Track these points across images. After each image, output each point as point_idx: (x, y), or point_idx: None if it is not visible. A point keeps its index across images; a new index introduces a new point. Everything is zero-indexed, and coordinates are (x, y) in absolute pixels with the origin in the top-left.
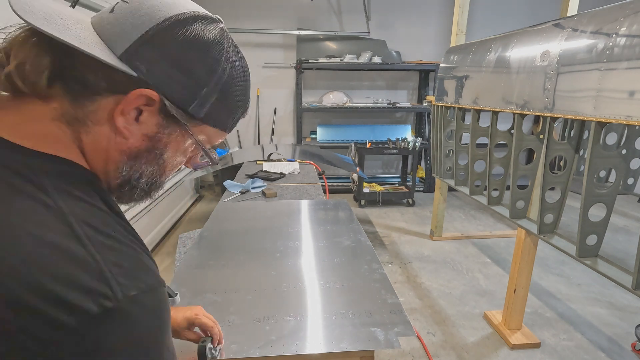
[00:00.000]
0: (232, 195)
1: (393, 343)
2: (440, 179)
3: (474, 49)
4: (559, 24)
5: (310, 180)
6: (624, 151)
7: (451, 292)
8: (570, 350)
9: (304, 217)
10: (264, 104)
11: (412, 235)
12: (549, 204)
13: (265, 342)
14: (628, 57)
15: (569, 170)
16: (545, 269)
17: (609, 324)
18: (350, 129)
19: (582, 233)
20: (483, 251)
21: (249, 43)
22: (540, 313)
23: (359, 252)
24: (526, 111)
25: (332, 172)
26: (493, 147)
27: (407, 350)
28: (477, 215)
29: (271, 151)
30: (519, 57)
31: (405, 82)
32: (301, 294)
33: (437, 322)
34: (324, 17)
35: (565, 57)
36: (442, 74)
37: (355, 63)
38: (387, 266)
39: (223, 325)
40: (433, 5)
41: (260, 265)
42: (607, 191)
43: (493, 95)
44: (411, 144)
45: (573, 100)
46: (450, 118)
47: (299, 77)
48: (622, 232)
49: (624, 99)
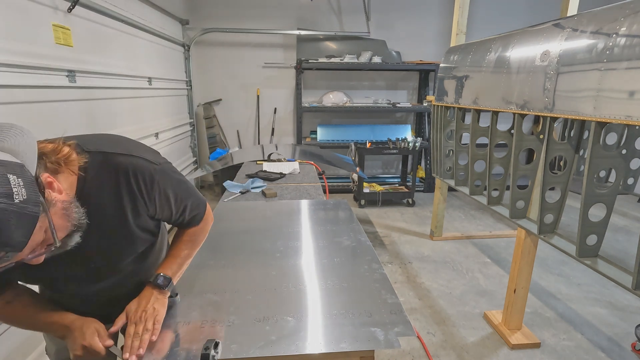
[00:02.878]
0: (232, 195)
1: (393, 343)
2: (440, 179)
3: (474, 49)
4: (559, 24)
5: (310, 180)
6: (624, 151)
7: (451, 292)
8: (570, 350)
9: (304, 217)
10: (264, 104)
11: (412, 235)
12: (549, 204)
13: (265, 342)
14: (628, 57)
15: (569, 170)
16: (545, 269)
17: (609, 324)
18: (350, 129)
19: (582, 233)
20: (483, 251)
21: (249, 43)
22: (540, 313)
23: (359, 252)
24: (526, 111)
25: (332, 172)
26: (493, 147)
27: (407, 350)
28: (477, 215)
29: (271, 151)
30: (519, 57)
31: (405, 82)
32: (301, 294)
33: (437, 322)
34: (324, 17)
35: (565, 57)
36: (442, 74)
37: (355, 63)
38: (387, 266)
39: (223, 326)
40: (433, 5)
41: (260, 265)
42: (607, 191)
43: (493, 95)
44: (411, 144)
45: (573, 100)
46: (450, 118)
47: (299, 77)
48: (622, 232)
49: (624, 99)
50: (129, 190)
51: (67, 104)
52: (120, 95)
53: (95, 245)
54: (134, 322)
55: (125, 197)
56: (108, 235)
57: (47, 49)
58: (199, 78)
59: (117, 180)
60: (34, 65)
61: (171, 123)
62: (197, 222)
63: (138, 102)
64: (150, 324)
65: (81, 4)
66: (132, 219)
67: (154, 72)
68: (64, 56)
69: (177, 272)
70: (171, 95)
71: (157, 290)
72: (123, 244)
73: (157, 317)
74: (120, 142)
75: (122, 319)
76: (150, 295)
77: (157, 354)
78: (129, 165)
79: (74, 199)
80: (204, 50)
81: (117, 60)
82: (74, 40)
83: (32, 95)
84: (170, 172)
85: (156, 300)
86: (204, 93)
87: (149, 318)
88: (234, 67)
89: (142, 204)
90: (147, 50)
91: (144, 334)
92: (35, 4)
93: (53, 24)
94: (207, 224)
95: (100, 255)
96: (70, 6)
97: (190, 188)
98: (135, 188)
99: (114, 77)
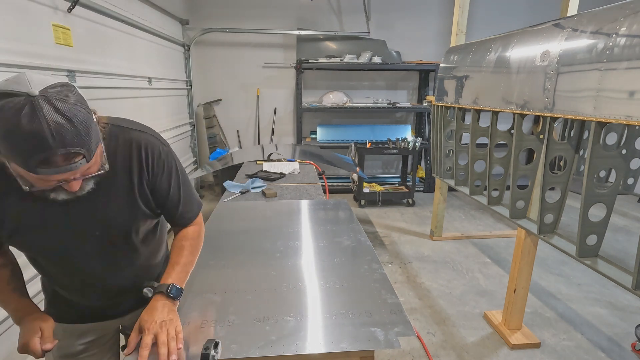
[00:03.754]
0: (232, 195)
1: (393, 343)
2: (440, 179)
3: (474, 49)
4: (559, 24)
5: (310, 180)
6: (624, 151)
7: (451, 292)
8: (570, 350)
9: (304, 217)
10: (264, 104)
11: (412, 235)
12: (549, 204)
13: (265, 342)
14: (628, 57)
15: (569, 170)
16: (545, 269)
17: (609, 324)
18: (350, 129)
19: (582, 233)
20: (483, 251)
21: (249, 43)
22: (540, 313)
23: (359, 252)
24: (526, 111)
25: (332, 172)
26: (493, 147)
27: (407, 350)
28: (477, 215)
29: (271, 151)
30: (519, 57)
31: (405, 82)
32: (301, 294)
33: (437, 322)
34: (324, 17)
35: (565, 57)
36: (442, 74)
37: (355, 63)
38: (387, 266)
39: (223, 326)
40: (433, 5)
41: (260, 265)
42: (607, 191)
43: (493, 95)
44: (411, 144)
45: (573, 100)
46: (450, 118)
47: (299, 77)
48: (622, 232)
49: (624, 99)
50: (138, 161)
51: None
52: (120, 95)
53: (102, 210)
54: (152, 333)
55: (134, 168)
56: (115, 201)
57: (47, 49)
58: (199, 78)
59: (130, 152)
60: (34, 65)
61: (171, 123)
62: (190, 219)
63: (138, 102)
64: (172, 331)
65: (81, 4)
66: (137, 189)
67: (154, 72)
68: (64, 56)
69: (184, 281)
70: (171, 95)
71: (170, 301)
72: (126, 213)
73: (177, 327)
74: (135, 122)
75: (137, 335)
76: (163, 306)
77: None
78: (142, 139)
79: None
80: (204, 50)
81: (117, 60)
82: (74, 40)
83: None
84: (175, 157)
85: (170, 311)
86: (204, 93)
87: (170, 327)
88: (234, 67)
89: (146, 176)
90: (147, 50)
91: (170, 342)
92: (35, 4)
93: (53, 24)
94: (202, 229)
95: (105, 221)
96: (70, 6)
97: (190, 183)
98: (144, 161)
99: (114, 77)
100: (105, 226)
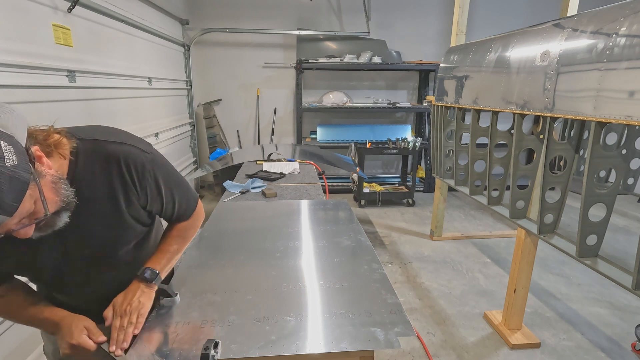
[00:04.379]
0: (232, 195)
1: (393, 343)
2: (440, 179)
3: (474, 49)
4: (559, 24)
5: (310, 180)
6: (624, 151)
7: (451, 292)
8: (570, 350)
9: (304, 217)
10: (264, 104)
11: (412, 235)
12: (549, 204)
13: (265, 342)
14: (628, 57)
15: (569, 170)
16: (545, 269)
17: (609, 324)
18: (350, 129)
19: (582, 233)
20: (483, 251)
21: (249, 43)
22: (540, 313)
23: (359, 252)
24: (526, 111)
25: (332, 172)
26: (493, 147)
27: (407, 350)
28: (477, 215)
29: (271, 151)
30: (519, 57)
31: (405, 82)
32: (301, 294)
33: (437, 322)
34: (324, 17)
35: (565, 57)
36: (442, 74)
37: (355, 63)
38: (387, 266)
39: (223, 326)
40: (433, 5)
41: (260, 265)
42: (607, 191)
43: (493, 95)
44: (411, 144)
45: (573, 100)
46: (450, 118)
47: (299, 77)
48: (622, 232)
49: (624, 99)
50: (120, 178)
51: (67, 104)
52: (120, 95)
53: (88, 232)
54: (119, 315)
55: (117, 185)
56: (101, 222)
57: (47, 49)
58: (199, 78)
59: (108, 168)
60: (34, 65)
61: (171, 123)
62: (187, 217)
63: (138, 102)
64: (134, 317)
65: (81, 4)
66: (125, 207)
67: (154, 72)
68: (64, 56)
69: (165, 267)
70: (171, 95)
71: (144, 284)
72: (116, 233)
73: (141, 311)
74: (111, 132)
75: (110, 312)
76: (136, 288)
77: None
78: (120, 153)
79: (63, 177)
80: (204, 50)
81: (117, 60)
82: (74, 40)
83: (32, 95)
84: (161, 162)
85: (142, 293)
86: (204, 93)
87: (133, 311)
88: (233, 67)
89: (134, 193)
90: (147, 50)
91: (128, 327)
92: (35, 4)
93: (53, 24)
94: (198, 219)
95: (93, 243)
96: (70, 6)
97: (182, 181)
98: (127, 176)
99: (114, 77)
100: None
